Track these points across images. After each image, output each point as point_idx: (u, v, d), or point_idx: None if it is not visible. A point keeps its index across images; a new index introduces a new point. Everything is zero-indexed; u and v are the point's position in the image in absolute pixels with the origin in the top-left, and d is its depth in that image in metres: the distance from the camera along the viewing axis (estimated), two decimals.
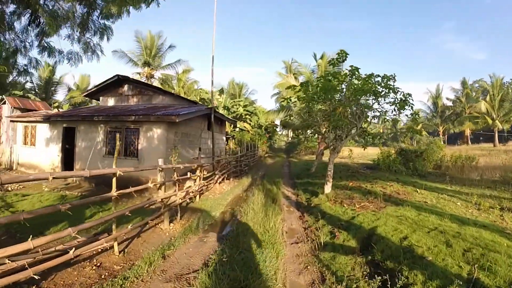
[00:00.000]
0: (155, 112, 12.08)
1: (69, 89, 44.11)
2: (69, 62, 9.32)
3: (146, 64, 35.16)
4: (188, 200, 10.17)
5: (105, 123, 13.27)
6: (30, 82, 39.56)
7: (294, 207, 10.79)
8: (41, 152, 16.36)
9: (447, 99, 58.50)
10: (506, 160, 20.88)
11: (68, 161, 14.90)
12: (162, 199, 7.43)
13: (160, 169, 7.16)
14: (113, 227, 6.11)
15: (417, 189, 11.62)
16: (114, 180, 5.94)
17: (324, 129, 15.92)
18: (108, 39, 9.45)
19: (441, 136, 50.70)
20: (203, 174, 11.59)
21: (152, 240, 7.01)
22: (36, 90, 40.27)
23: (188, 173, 9.68)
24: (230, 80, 49.67)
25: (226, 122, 26.16)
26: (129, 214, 6.24)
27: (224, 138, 21.83)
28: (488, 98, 46.98)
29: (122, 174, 5.87)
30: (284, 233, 7.55)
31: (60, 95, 45.29)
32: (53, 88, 42.05)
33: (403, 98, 10.65)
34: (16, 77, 35.96)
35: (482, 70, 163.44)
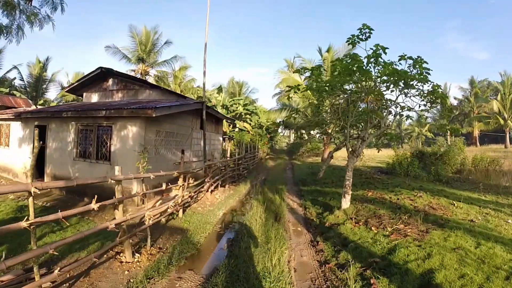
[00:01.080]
0: (129, 105, 9.87)
1: (62, 87, 41.97)
2: (6, 37, 7.18)
3: (141, 60, 33.00)
4: (163, 220, 7.76)
5: (76, 120, 11.12)
6: (20, 79, 37.67)
7: (303, 225, 8.54)
8: (15, 153, 14.38)
9: (455, 98, 56.50)
10: None
11: (41, 164, 12.75)
12: (118, 224, 5.15)
13: (114, 181, 4.90)
14: (35, 270, 4.00)
15: (453, 202, 9.47)
16: (30, 201, 3.80)
17: (331, 129, 13.88)
18: (62, 9, 7.31)
19: (449, 137, 48.37)
20: (190, 182, 9.35)
21: (103, 283, 4.83)
22: (27, 88, 38.21)
23: (164, 184, 7.24)
24: (229, 79, 47.57)
25: (224, 121, 24.02)
26: (55, 253, 4.05)
27: (221, 138, 19.58)
28: (499, 97, 44.83)
29: (38, 192, 3.69)
30: (293, 272, 5.33)
31: (52, 93, 43.44)
32: (44, 86, 39.95)
33: (432, 90, 8.69)
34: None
35: (484, 70, 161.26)
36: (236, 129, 33.76)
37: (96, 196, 4.48)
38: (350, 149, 8.98)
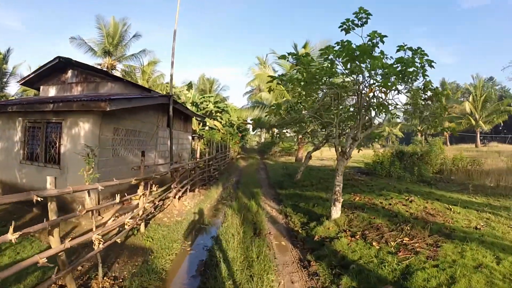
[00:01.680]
0: (81, 98, 8.35)
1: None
2: None
3: (108, 53, 30.96)
4: (119, 240, 6.28)
5: (23, 116, 9.47)
6: None
7: (287, 238, 7.35)
8: None
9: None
10: (509, 163, 18.45)
11: None
12: (54, 255, 3.79)
13: (41, 198, 3.50)
14: None
15: (448, 206, 8.79)
16: None
17: (310, 128, 13.00)
18: None
19: (419, 136, 48.99)
20: (154, 190, 7.93)
21: None
22: None
23: (118, 196, 5.67)
24: (200, 75, 45.98)
25: (194, 119, 22.61)
26: None
27: (190, 137, 18.11)
28: (471, 98, 46.09)
29: None
30: None
31: (13, 88, 40.72)
32: (4, 80, 37.13)
33: (424, 87, 8.13)
34: None
35: (451, 73, 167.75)
36: (206, 128, 32.37)
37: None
38: (340, 151, 7.93)
